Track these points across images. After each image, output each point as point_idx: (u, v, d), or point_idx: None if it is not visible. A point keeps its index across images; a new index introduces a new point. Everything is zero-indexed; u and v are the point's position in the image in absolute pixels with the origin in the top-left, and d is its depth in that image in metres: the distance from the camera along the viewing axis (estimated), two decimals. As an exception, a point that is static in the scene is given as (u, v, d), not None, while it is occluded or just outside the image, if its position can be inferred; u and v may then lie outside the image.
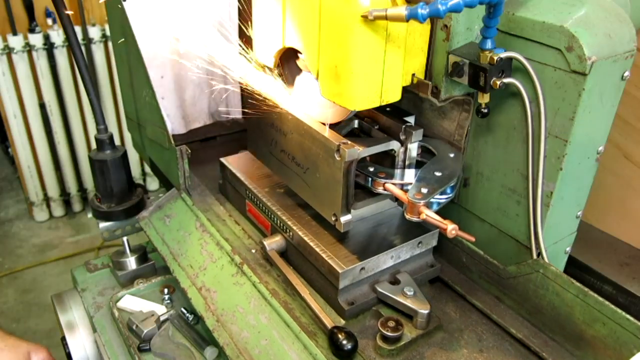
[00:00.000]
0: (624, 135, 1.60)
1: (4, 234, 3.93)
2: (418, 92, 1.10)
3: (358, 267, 1.12)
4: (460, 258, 1.26)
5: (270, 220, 1.31)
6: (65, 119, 3.76)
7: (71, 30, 1.43)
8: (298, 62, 1.20)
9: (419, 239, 1.20)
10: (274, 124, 1.26)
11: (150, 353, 1.27)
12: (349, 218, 1.11)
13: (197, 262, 1.31)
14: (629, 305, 1.40)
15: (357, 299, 1.15)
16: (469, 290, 1.22)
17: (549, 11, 1.00)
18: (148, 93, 1.45)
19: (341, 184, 1.07)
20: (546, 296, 1.08)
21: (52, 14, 3.53)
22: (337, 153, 1.05)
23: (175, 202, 1.48)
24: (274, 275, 1.25)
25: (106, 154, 1.54)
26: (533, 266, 1.09)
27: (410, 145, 1.16)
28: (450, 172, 1.11)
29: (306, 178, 1.19)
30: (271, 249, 1.26)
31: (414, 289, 1.13)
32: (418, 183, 1.06)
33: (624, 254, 1.55)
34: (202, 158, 1.69)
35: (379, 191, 1.14)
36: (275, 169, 1.33)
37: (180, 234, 1.40)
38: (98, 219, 1.60)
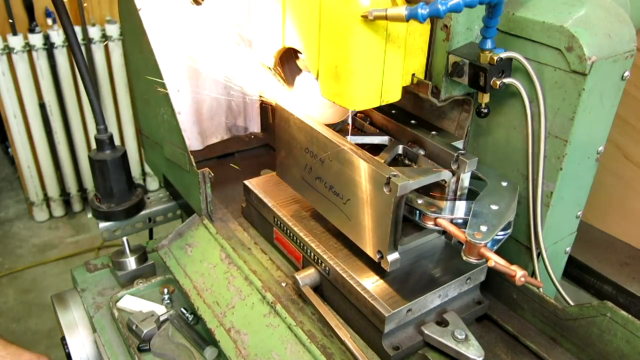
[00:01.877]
0: (624, 135, 1.60)
1: (4, 234, 3.93)
2: (418, 92, 1.10)
3: (405, 309, 1.03)
4: (510, 294, 1.17)
5: (302, 252, 1.22)
6: (65, 119, 3.76)
7: (71, 30, 1.43)
8: (298, 62, 1.20)
9: (467, 275, 1.10)
10: (309, 149, 1.18)
11: (150, 353, 1.27)
12: (396, 257, 1.04)
13: (225, 299, 1.21)
14: (629, 305, 1.40)
15: (403, 343, 1.05)
16: (521, 330, 1.13)
17: (549, 11, 1.00)
18: (167, 111, 1.38)
19: (390, 220, 0.99)
20: (613, 342, 0.99)
21: (52, 14, 3.52)
22: (387, 186, 0.97)
23: (197, 230, 1.38)
24: (308, 314, 1.16)
25: (106, 154, 1.54)
26: (599, 309, 1.00)
27: (463, 175, 1.06)
28: (506, 204, 1.02)
29: (346, 210, 1.10)
30: (305, 284, 1.16)
31: (465, 332, 1.03)
32: (475, 220, 0.97)
33: (624, 254, 1.55)
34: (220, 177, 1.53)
35: (428, 226, 1.05)
36: (308, 196, 1.23)
37: (204, 266, 1.30)
38: (98, 219, 1.60)
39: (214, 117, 1.71)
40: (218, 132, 1.74)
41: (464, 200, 1.08)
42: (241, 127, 1.79)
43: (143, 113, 1.63)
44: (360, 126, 1.28)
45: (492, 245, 0.97)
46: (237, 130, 1.79)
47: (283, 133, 1.27)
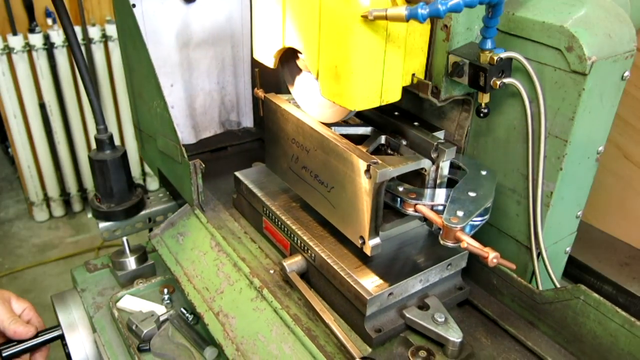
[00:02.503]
0: (624, 135, 1.60)
1: (4, 234, 3.93)
2: (418, 92, 1.10)
3: (386, 292, 1.06)
4: (490, 280, 1.19)
5: (290, 240, 1.25)
6: (65, 119, 3.76)
7: (71, 30, 1.43)
8: (298, 62, 1.20)
9: (448, 261, 1.14)
10: (295, 139, 1.21)
11: (149, 353, 1.27)
12: (377, 242, 1.06)
13: (214, 285, 1.25)
14: (629, 305, 1.40)
15: (385, 326, 1.09)
16: (501, 314, 1.16)
17: (549, 11, 1.00)
18: (159, 104, 1.40)
19: (370, 206, 1.02)
20: (587, 324, 1.01)
21: (52, 14, 3.53)
22: (367, 173, 1.00)
23: (188, 219, 1.42)
24: (294, 299, 1.19)
25: (106, 154, 1.54)
26: (573, 292, 1.02)
27: (442, 163, 1.10)
28: (484, 192, 1.05)
29: (330, 197, 1.14)
30: (291, 271, 1.20)
31: (445, 315, 1.07)
32: (452, 205, 1.00)
33: (624, 254, 1.55)
34: (213, 170, 1.59)
35: (409, 212, 1.07)
36: (295, 186, 1.27)
37: (195, 254, 1.34)
38: (98, 219, 1.60)
39: (207, 111, 1.74)
40: (211, 127, 1.77)
41: (444, 188, 1.12)
42: (234, 122, 1.81)
43: (138, 107, 1.65)
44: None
45: (469, 231, 0.99)
46: (230, 124, 1.81)
47: (271, 125, 1.30)
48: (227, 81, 1.74)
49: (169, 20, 1.55)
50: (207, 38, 1.64)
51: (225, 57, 1.70)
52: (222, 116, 1.79)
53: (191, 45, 1.62)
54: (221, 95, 1.75)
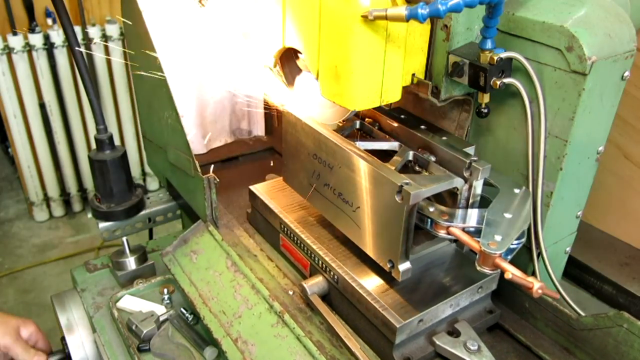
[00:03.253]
0: (624, 135, 1.60)
1: (4, 234, 3.93)
2: (418, 92, 1.10)
3: (416, 319, 1.01)
4: (522, 303, 1.15)
5: (310, 259, 1.20)
6: (65, 119, 3.76)
7: (71, 30, 1.43)
8: (298, 62, 1.20)
9: (479, 284, 1.08)
10: (317, 155, 1.16)
11: (149, 353, 1.27)
12: (408, 266, 1.01)
13: (231, 309, 1.19)
14: (629, 305, 1.40)
15: (414, 354, 1.03)
16: (534, 339, 1.11)
17: (549, 11, 1.00)
18: (171, 115, 1.36)
19: (401, 229, 0.97)
20: (630, 354, 0.97)
21: (52, 14, 3.52)
22: (399, 194, 0.95)
23: (202, 236, 1.36)
24: (316, 323, 1.14)
25: (106, 154, 1.54)
26: (615, 319, 0.97)
27: (476, 182, 1.03)
28: (520, 212, 0.99)
29: (356, 218, 1.08)
30: (313, 293, 1.14)
31: (478, 343, 1.01)
32: (489, 229, 0.94)
33: (624, 254, 1.54)
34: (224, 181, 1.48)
35: (440, 235, 1.02)
36: (316, 203, 1.21)
37: (210, 274, 1.28)
38: (98, 219, 1.60)
39: (217, 120, 1.69)
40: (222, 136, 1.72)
41: (476, 208, 1.06)
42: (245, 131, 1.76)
43: (146, 117, 1.60)
44: (369, 131, 1.26)
45: (506, 255, 0.94)
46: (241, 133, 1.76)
47: (290, 138, 1.25)
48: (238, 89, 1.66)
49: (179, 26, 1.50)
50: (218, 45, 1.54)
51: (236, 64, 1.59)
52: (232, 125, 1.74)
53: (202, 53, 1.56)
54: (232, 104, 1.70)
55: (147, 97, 1.53)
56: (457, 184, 1.04)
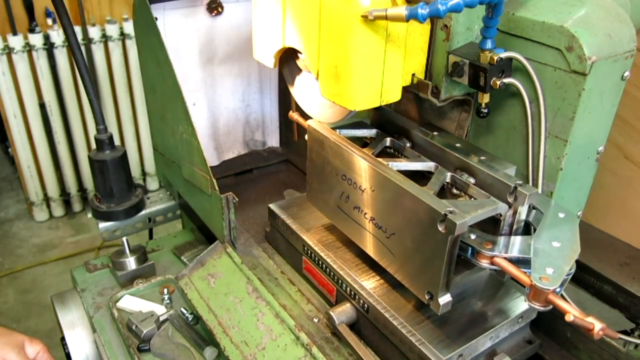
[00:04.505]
0: (624, 135, 1.60)
1: (4, 234, 3.93)
2: (418, 92, 1.10)
3: (456, 355, 0.95)
4: (563, 332, 1.09)
5: (336, 285, 1.13)
6: (65, 119, 3.76)
7: (71, 30, 1.43)
8: (298, 62, 1.20)
9: (520, 314, 1.02)
10: (346, 175, 1.09)
11: (149, 353, 1.27)
12: (448, 299, 0.93)
13: (254, 339, 1.12)
14: (629, 305, 1.40)
15: None
16: None
17: (549, 11, 1.00)
18: (186, 130, 1.29)
19: (444, 260, 0.90)
20: None
21: (52, 14, 3.52)
22: (442, 224, 0.88)
23: (219, 259, 1.29)
24: (345, 355, 1.07)
25: (106, 154, 1.54)
26: None
27: (521, 208, 0.96)
28: (568, 240, 0.92)
29: (390, 245, 1.01)
30: (340, 322, 1.08)
31: None
32: (539, 260, 0.87)
33: (624, 254, 1.54)
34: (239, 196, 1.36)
35: (483, 264, 0.94)
36: (344, 226, 1.14)
37: (230, 300, 1.21)
38: (98, 219, 1.60)
39: (230, 131, 1.64)
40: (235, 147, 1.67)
41: (520, 234, 0.99)
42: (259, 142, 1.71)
43: (158, 130, 1.53)
44: (400, 149, 1.18)
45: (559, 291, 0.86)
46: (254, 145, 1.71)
47: (315, 156, 1.18)
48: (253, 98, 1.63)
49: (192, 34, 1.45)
50: (232, 53, 1.52)
51: (251, 73, 1.58)
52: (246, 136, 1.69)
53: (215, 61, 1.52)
54: (246, 114, 1.65)
55: (159, 109, 1.47)
56: (501, 210, 0.96)
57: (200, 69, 1.50)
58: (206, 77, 1.52)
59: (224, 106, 1.59)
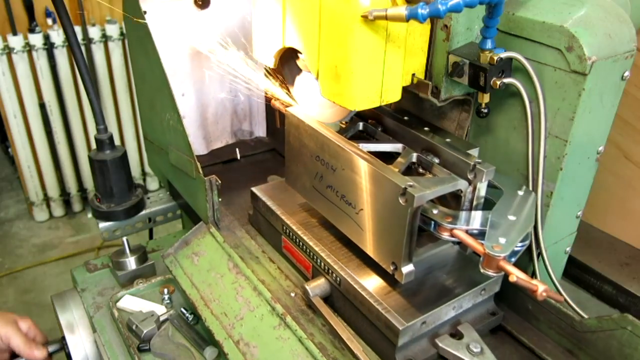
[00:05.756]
0: (624, 135, 1.60)
1: (4, 234, 3.93)
2: (418, 92, 1.10)
3: (419, 321, 1.01)
4: (525, 305, 1.15)
5: (312, 261, 1.20)
6: (65, 119, 3.76)
7: (71, 30, 1.43)
8: (298, 62, 1.20)
9: (482, 286, 1.08)
10: (319, 156, 1.16)
11: (149, 353, 1.27)
12: (410, 268, 1.01)
13: (233, 311, 1.19)
14: (629, 305, 1.40)
15: (416, 356, 1.03)
16: (537, 342, 1.10)
17: (549, 11, 1.00)
18: (173, 117, 1.36)
19: (405, 231, 0.97)
20: (634, 356, 0.96)
21: (52, 14, 3.53)
22: (403, 197, 0.95)
23: (203, 238, 1.36)
24: (318, 325, 1.14)
25: (106, 154, 1.54)
26: (619, 322, 0.97)
27: (480, 185, 1.03)
28: (525, 215, 1.00)
29: (359, 220, 1.08)
30: (315, 295, 1.14)
31: (481, 345, 1.01)
32: (493, 231, 0.94)
33: (624, 254, 1.54)
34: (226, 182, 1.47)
35: (444, 237, 1.02)
36: (319, 205, 1.21)
37: (212, 276, 1.28)
38: (98, 219, 1.60)
39: (218, 121, 1.68)
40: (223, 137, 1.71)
41: (480, 210, 1.05)
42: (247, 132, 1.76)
43: (147, 118, 1.59)
44: (372, 133, 1.25)
45: (510, 258, 0.93)
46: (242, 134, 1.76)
47: (292, 140, 1.24)
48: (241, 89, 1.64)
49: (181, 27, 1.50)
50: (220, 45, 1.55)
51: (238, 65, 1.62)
52: (234, 126, 1.74)
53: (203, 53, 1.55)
54: (233, 105, 1.70)
55: (148, 99, 1.53)
56: (461, 186, 1.03)
57: (189, 60, 1.56)
58: (194, 68, 1.58)
59: (212, 97, 1.65)
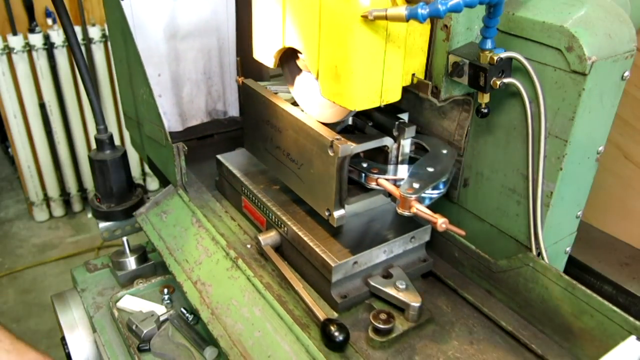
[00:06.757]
0: (624, 135, 1.60)
1: (4, 234, 3.93)
2: (418, 92, 1.10)
3: (351, 261, 1.14)
4: (452, 253, 1.28)
5: (266, 216, 1.32)
6: (65, 119, 3.76)
7: (71, 30, 1.43)
8: (298, 62, 1.21)
9: (411, 234, 1.22)
10: (269, 121, 1.28)
11: (149, 353, 1.27)
12: (342, 213, 1.13)
13: (193, 257, 1.33)
14: (629, 305, 1.40)
15: (350, 292, 1.17)
16: (461, 284, 1.24)
17: (549, 11, 1.00)
18: (145, 91, 1.47)
19: (334, 180, 1.09)
20: (535, 289, 1.10)
21: (52, 14, 3.53)
22: (331, 149, 1.07)
23: (171, 199, 1.49)
24: (268, 270, 1.26)
25: (106, 154, 1.54)
26: (523, 260, 1.10)
27: (404, 141, 1.17)
28: (442, 167, 1.13)
29: (300, 174, 1.21)
30: (266, 244, 1.27)
31: (406, 283, 1.15)
32: (410, 178, 1.08)
33: (624, 254, 1.55)
34: (199, 156, 1.70)
35: (372, 187, 1.15)
36: (270, 165, 1.35)
37: (177, 230, 1.41)
38: (98, 219, 1.60)
39: (193, 100, 1.81)
40: (198, 115, 1.85)
41: (406, 164, 1.19)
42: (221, 112, 1.89)
43: (125, 95, 1.72)
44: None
45: (426, 203, 1.06)
46: (216, 114, 1.88)
47: (248, 108, 1.40)
48: (214, 72, 1.82)
49: (157, 13, 1.63)
50: (193, 30, 1.71)
51: (211, 49, 1.78)
52: (208, 105, 1.86)
53: (178, 37, 1.69)
54: (207, 86, 1.82)
55: (126, 77, 1.64)
56: (386, 142, 1.17)
57: (165, 44, 1.68)
58: (170, 51, 1.70)
59: (187, 78, 1.77)
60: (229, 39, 1.78)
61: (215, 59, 1.80)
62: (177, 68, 1.73)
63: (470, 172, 1.24)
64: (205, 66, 1.78)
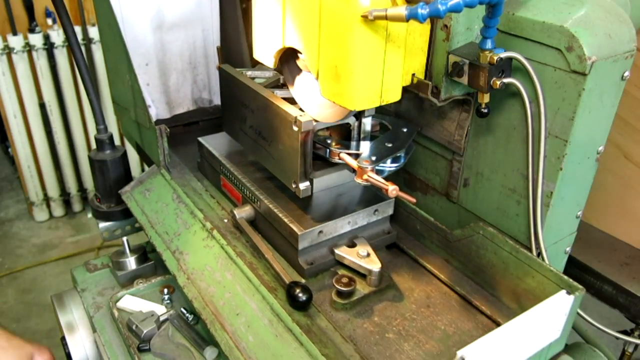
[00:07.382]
0: (624, 135, 1.60)
1: (4, 234, 3.93)
2: (418, 92, 1.10)
3: (316, 230, 1.21)
4: (415, 226, 1.35)
5: (241, 192, 1.40)
6: (65, 119, 3.76)
7: (71, 30, 1.43)
8: (298, 62, 1.21)
9: (375, 207, 1.29)
10: (244, 102, 1.35)
11: (149, 353, 1.27)
12: (307, 185, 1.22)
13: (172, 229, 1.40)
14: (629, 305, 1.40)
15: (316, 260, 1.25)
16: (422, 254, 1.32)
17: (549, 11, 1.00)
18: (131, 77, 1.55)
19: (299, 153, 1.16)
20: (486, 255, 1.17)
21: (52, 14, 3.53)
22: (295, 124, 1.14)
23: (155, 178, 1.56)
24: (242, 242, 1.33)
25: (106, 154, 1.54)
26: (474, 228, 1.17)
27: (364, 119, 1.23)
28: (400, 143, 1.21)
29: (270, 150, 1.28)
30: (241, 218, 1.35)
31: (368, 251, 1.22)
32: (369, 152, 1.15)
33: (624, 254, 1.55)
34: (184, 141, 1.80)
35: (335, 161, 1.22)
36: (246, 145, 1.42)
37: (159, 205, 1.49)
38: (98, 219, 1.60)
39: (180, 89, 1.88)
40: (184, 104, 1.92)
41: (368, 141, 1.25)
42: (206, 100, 1.96)
43: (114, 82, 1.81)
44: None
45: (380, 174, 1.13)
46: (202, 102, 1.96)
47: (225, 92, 1.47)
48: (199, 62, 1.89)
49: (144, 5, 1.69)
50: (179, 22, 1.78)
51: (196, 40, 1.84)
52: (194, 94, 1.93)
53: (164, 28, 1.75)
54: (193, 75, 1.89)
55: (114, 65, 1.73)
56: (349, 121, 1.23)
57: (152, 34, 1.73)
58: (156, 41, 1.76)
59: (173, 67, 1.84)
60: (213, 30, 1.85)
61: (200, 50, 1.88)
62: (163, 58, 1.80)
63: (470, 172, 1.24)
64: (190, 56, 1.86)
